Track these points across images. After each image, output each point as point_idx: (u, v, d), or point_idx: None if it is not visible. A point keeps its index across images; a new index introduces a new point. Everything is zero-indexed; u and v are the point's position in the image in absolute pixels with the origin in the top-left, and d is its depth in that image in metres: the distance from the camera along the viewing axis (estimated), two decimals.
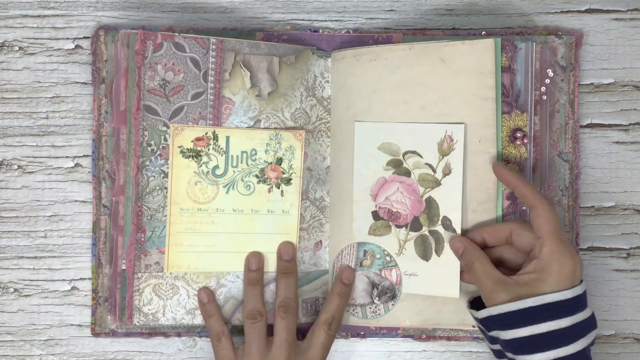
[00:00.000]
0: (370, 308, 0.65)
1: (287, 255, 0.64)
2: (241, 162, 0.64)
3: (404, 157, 0.63)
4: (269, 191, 0.65)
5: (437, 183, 0.63)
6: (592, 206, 0.68)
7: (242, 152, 0.64)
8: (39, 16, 0.67)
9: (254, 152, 0.64)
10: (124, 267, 0.63)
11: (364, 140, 0.64)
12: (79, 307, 0.67)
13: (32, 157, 0.67)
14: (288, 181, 0.65)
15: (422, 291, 0.64)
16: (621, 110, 0.68)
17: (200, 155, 0.63)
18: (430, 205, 0.63)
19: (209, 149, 0.63)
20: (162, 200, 0.63)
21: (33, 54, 0.67)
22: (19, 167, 0.67)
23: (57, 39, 0.67)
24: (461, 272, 0.63)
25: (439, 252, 0.63)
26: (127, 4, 0.67)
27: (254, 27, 0.68)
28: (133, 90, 0.62)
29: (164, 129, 0.62)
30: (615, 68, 0.68)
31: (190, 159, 0.63)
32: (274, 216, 0.65)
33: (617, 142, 0.68)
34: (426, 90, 0.63)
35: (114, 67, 0.65)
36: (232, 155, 0.64)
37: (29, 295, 0.67)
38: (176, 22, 0.67)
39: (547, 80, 0.65)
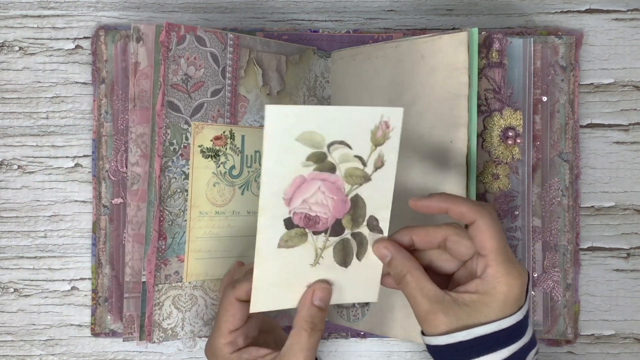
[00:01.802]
0: (352, 311, 0.65)
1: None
2: (254, 162, 0.63)
3: (329, 149, 0.50)
4: None
5: (367, 178, 0.52)
6: (592, 206, 0.68)
7: (256, 152, 0.63)
8: (39, 16, 0.67)
9: None
10: (143, 279, 0.59)
11: (277, 130, 0.48)
12: (79, 307, 0.67)
13: (32, 157, 0.67)
14: None
15: (338, 300, 0.54)
16: (621, 110, 0.68)
17: (219, 155, 0.61)
18: (356, 205, 0.52)
19: (226, 149, 0.61)
20: (182, 203, 0.60)
21: (33, 54, 0.67)
22: (19, 167, 0.67)
23: (57, 39, 0.67)
24: (383, 275, 0.55)
25: (360, 255, 0.54)
26: (127, 4, 0.67)
27: (254, 27, 0.68)
28: (157, 84, 0.59)
29: (186, 127, 0.60)
30: (615, 68, 0.68)
31: (210, 159, 0.61)
32: None
33: (617, 142, 0.68)
34: (408, 88, 0.61)
35: (114, 67, 0.65)
36: (246, 155, 0.63)
37: (29, 295, 0.67)
38: (176, 22, 0.67)
39: (549, 78, 0.65)
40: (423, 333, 0.52)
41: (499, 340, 0.49)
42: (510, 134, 0.63)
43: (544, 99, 0.65)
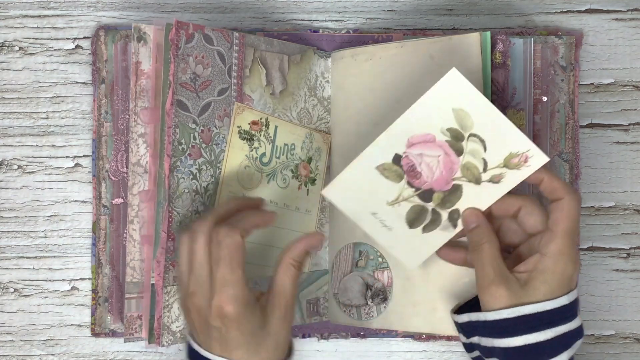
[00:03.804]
0: (364, 310, 0.65)
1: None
2: (283, 154, 0.64)
3: (468, 137, 0.55)
4: (299, 188, 0.65)
5: (477, 181, 0.56)
6: (592, 206, 0.68)
7: (285, 145, 0.64)
8: (39, 16, 0.67)
9: (293, 146, 0.64)
10: (152, 281, 0.59)
11: (445, 90, 0.54)
12: (79, 307, 0.67)
13: (32, 157, 0.67)
14: (313, 181, 0.65)
15: (385, 246, 0.60)
16: (621, 110, 0.68)
17: (253, 140, 0.62)
18: (454, 192, 0.57)
19: (260, 135, 0.63)
20: (189, 204, 0.60)
21: (33, 54, 0.67)
22: (19, 167, 0.67)
23: (57, 39, 0.67)
24: (446, 248, 0.59)
25: (426, 229, 0.58)
26: (127, 4, 0.67)
27: (254, 27, 0.68)
28: (167, 83, 0.59)
29: (194, 126, 0.60)
30: (615, 68, 0.68)
31: (245, 141, 0.62)
32: (299, 214, 0.65)
33: (617, 142, 0.68)
34: (417, 89, 0.61)
35: (114, 66, 0.65)
36: (277, 146, 0.64)
37: (29, 295, 0.67)
38: None
39: (549, 78, 0.65)
40: (462, 311, 0.56)
41: (543, 320, 0.52)
42: None
43: (544, 99, 0.65)
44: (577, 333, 0.54)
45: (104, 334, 0.65)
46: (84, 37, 0.67)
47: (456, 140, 0.55)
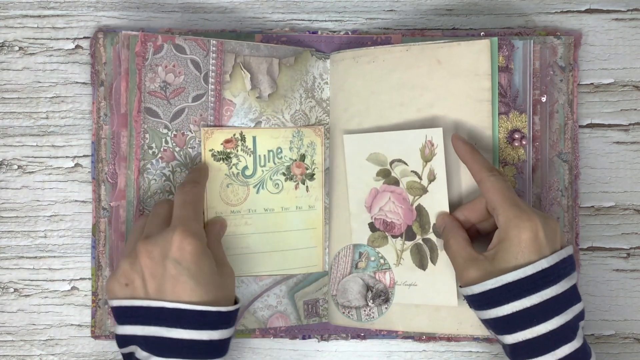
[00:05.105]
0: (364, 311, 0.65)
1: None
2: (268, 161, 0.64)
3: (391, 166, 0.63)
4: (296, 187, 0.65)
5: (424, 190, 0.62)
6: (592, 206, 0.68)
7: (269, 151, 0.64)
8: (39, 16, 0.67)
9: (279, 150, 0.64)
10: None
11: (353, 153, 0.64)
12: (79, 307, 0.67)
13: (32, 157, 0.67)
14: (312, 176, 0.65)
15: (423, 301, 0.63)
16: (621, 110, 0.68)
17: (230, 157, 0.63)
18: (421, 213, 0.62)
19: (237, 150, 0.63)
20: None
21: (33, 54, 0.67)
22: (19, 167, 0.67)
23: (57, 39, 0.67)
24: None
25: (434, 260, 0.62)
26: (127, 4, 0.67)
27: (254, 27, 0.68)
28: (134, 92, 0.62)
29: (165, 131, 0.62)
30: (615, 68, 0.68)
31: (221, 161, 0.63)
32: (302, 212, 0.65)
33: (617, 142, 0.68)
34: (422, 92, 0.63)
35: (113, 69, 0.65)
36: (259, 155, 0.64)
37: (29, 295, 0.67)
38: (176, 22, 0.67)
39: (548, 79, 0.65)
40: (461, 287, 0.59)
41: (526, 286, 0.53)
42: (516, 135, 0.63)
43: (543, 99, 0.65)
44: (567, 297, 0.54)
45: (104, 336, 0.65)
46: (84, 37, 0.67)
47: (387, 176, 0.63)
